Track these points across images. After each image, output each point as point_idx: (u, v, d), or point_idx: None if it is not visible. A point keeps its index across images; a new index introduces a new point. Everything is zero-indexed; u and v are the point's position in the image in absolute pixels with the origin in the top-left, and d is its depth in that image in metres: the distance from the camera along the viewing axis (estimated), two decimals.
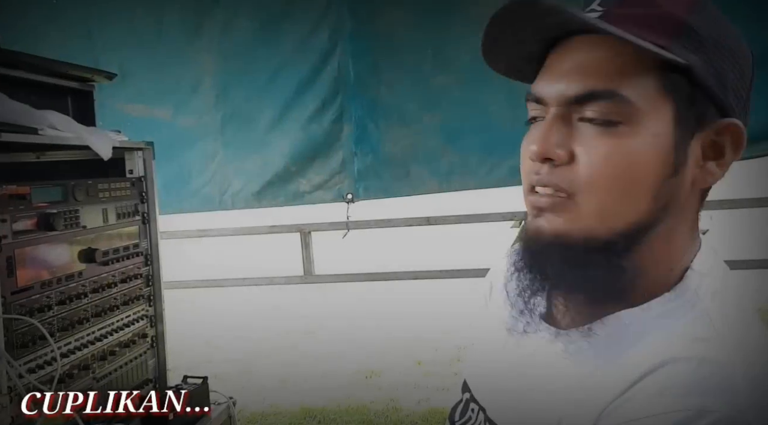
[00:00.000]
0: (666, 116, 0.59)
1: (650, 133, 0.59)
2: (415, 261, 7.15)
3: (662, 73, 0.59)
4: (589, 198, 0.60)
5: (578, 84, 0.60)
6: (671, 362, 0.57)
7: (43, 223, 1.23)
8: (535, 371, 0.69)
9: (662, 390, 0.55)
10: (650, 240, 0.62)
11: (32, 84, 1.39)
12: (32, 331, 1.18)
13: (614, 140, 0.59)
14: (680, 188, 0.61)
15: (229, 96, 2.60)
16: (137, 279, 1.57)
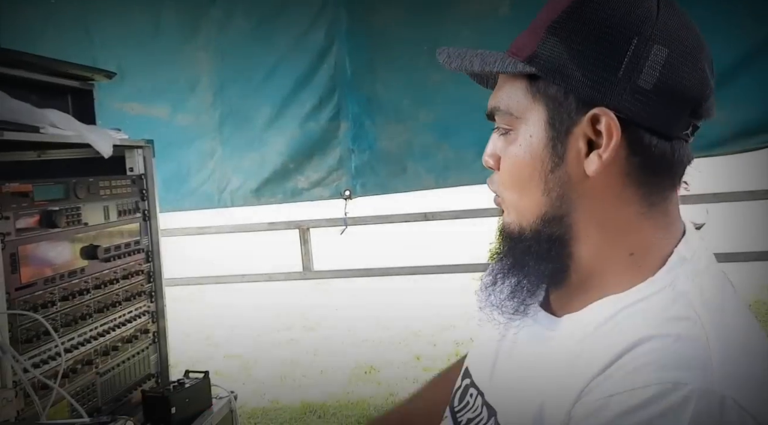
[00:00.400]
0: (539, 119, 0.67)
1: (527, 135, 0.68)
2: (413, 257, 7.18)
3: (530, 82, 0.67)
4: (505, 196, 0.72)
5: (489, 104, 0.72)
6: (648, 339, 0.59)
7: (45, 220, 1.25)
8: (526, 356, 0.72)
9: (639, 367, 0.58)
10: (576, 228, 0.68)
11: (33, 83, 1.41)
12: (36, 327, 1.20)
13: (508, 146, 0.70)
14: (569, 180, 0.67)
15: (227, 94, 2.62)
16: (139, 276, 1.59)
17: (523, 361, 0.73)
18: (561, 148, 0.66)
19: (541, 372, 0.68)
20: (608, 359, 0.60)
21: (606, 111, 0.63)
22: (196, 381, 1.57)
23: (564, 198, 0.67)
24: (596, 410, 0.58)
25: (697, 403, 0.54)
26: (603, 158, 0.64)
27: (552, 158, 0.67)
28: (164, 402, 1.46)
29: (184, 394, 1.51)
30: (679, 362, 0.57)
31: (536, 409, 0.65)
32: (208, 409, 1.59)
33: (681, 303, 0.62)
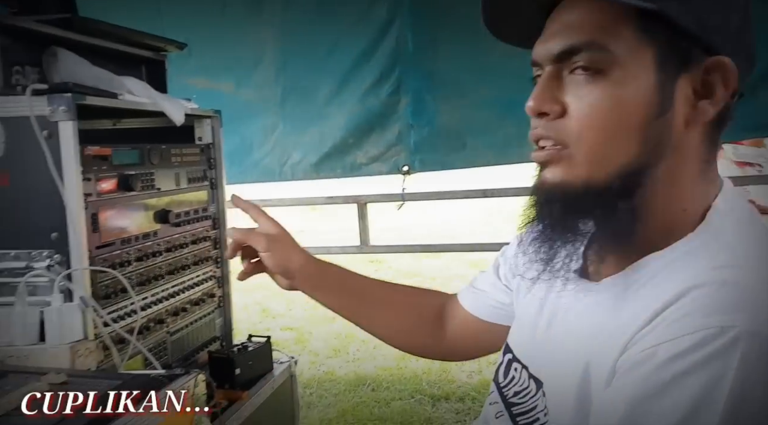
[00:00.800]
0: (646, 61, 0.62)
1: (631, 77, 0.62)
2: (470, 234, 7.14)
3: (640, 20, 0.62)
4: (581, 146, 0.65)
5: (562, 41, 0.65)
6: (693, 288, 0.58)
7: (122, 184, 1.31)
8: (567, 324, 0.73)
9: (684, 315, 0.57)
10: (651, 182, 0.64)
11: (111, 52, 1.47)
12: (114, 284, 1.26)
13: (599, 88, 0.63)
14: (670, 129, 0.63)
15: (289, 70, 2.66)
16: (206, 242, 1.65)
17: (564, 329, 0.73)
18: (669, 93, 0.63)
19: (584, 334, 0.68)
20: (653, 311, 0.60)
21: (728, 61, 0.62)
22: (259, 345, 1.62)
23: (659, 148, 0.63)
24: (642, 360, 0.57)
25: (745, 345, 0.53)
26: (717, 107, 0.63)
27: (659, 104, 0.62)
28: (229, 363, 1.52)
29: (248, 357, 1.56)
30: (725, 307, 0.56)
31: (582, 370, 0.65)
32: (270, 372, 1.64)
33: (725, 253, 0.62)
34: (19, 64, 1.24)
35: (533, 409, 0.74)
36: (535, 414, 0.74)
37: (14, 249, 1.16)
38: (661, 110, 0.63)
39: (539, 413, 0.73)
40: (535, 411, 0.74)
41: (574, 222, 0.67)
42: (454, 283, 5.53)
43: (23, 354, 1.09)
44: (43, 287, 1.15)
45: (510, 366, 0.82)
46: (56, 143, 1.12)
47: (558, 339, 0.74)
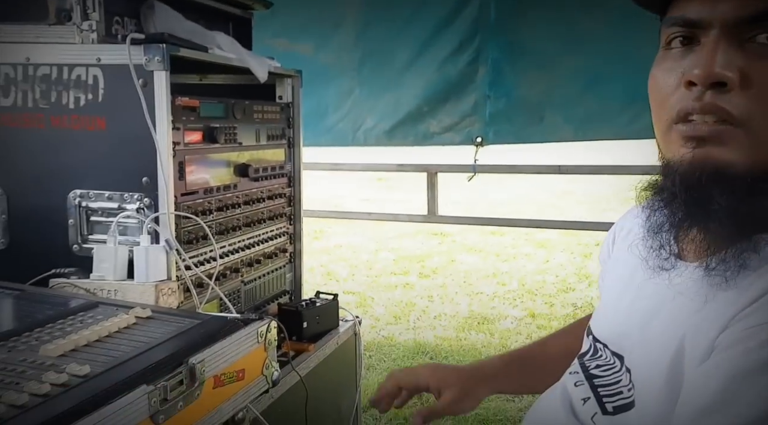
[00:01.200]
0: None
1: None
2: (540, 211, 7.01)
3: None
4: (761, 125, 0.58)
5: (752, 4, 0.58)
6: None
7: (208, 135, 1.36)
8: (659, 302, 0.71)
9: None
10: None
11: (202, 7, 1.51)
12: (196, 230, 1.33)
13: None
14: None
15: (369, 34, 2.66)
16: (281, 198, 1.69)
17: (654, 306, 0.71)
18: None
19: (681, 311, 0.66)
20: (759, 292, 0.58)
21: None
22: (326, 301, 1.67)
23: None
24: (743, 339, 0.56)
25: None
26: None
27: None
28: (298, 315, 1.57)
29: (315, 311, 1.61)
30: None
31: (676, 345, 0.64)
32: (335, 329, 1.69)
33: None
34: (119, 15, 1.30)
35: (617, 383, 0.74)
36: (619, 388, 0.73)
37: (108, 191, 1.23)
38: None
39: (623, 387, 0.72)
40: (618, 385, 0.73)
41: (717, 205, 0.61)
42: (520, 261, 5.48)
43: (113, 289, 1.16)
44: (132, 227, 1.22)
45: (595, 348, 0.81)
46: (150, 91, 1.17)
47: (647, 316, 0.72)
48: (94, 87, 1.20)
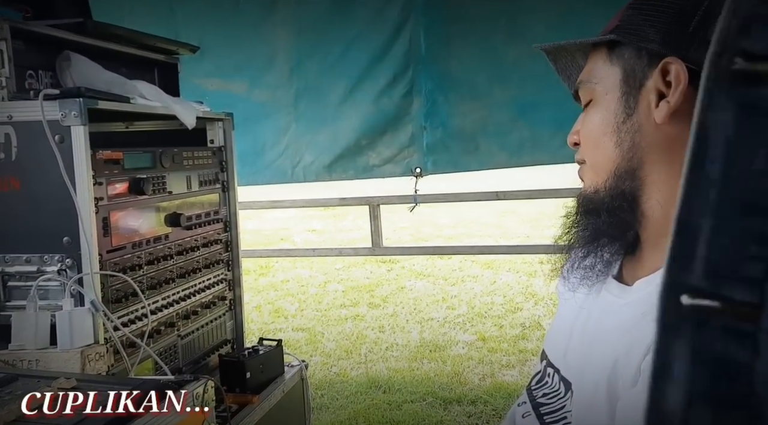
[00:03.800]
0: (615, 79, 0.72)
1: (603, 94, 0.73)
2: (483, 237, 7.11)
3: (610, 50, 0.73)
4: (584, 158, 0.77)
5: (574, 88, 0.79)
6: None
7: (134, 187, 1.31)
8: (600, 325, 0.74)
9: None
10: (648, 181, 0.70)
11: (123, 56, 1.47)
12: (125, 288, 1.27)
13: (589, 114, 0.75)
14: (641, 129, 0.70)
15: (303, 70, 2.65)
16: (217, 244, 1.65)
17: (596, 331, 0.74)
18: (633, 101, 0.71)
19: (615, 334, 0.69)
20: None
21: (675, 59, 0.67)
22: (270, 349, 1.62)
23: (635, 150, 0.71)
24: None
25: None
26: (671, 103, 0.67)
27: (624, 110, 0.71)
28: (240, 366, 1.52)
29: (259, 360, 1.56)
30: None
31: (610, 368, 0.67)
32: (281, 376, 1.64)
33: None
34: (33, 69, 1.25)
35: (562, 409, 0.76)
36: (563, 414, 0.75)
37: (26, 253, 1.16)
38: (625, 116, 0.71)
39: (567, 412, 0.74)
40: (563, 411, 0.75)
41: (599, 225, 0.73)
42: (468, 284, 5.52)
43: (34, 358, 1.09)
44: (54, 291, 1.15)
45: (545, 372, 0.83)
46: (68, 147, 1.12)
47: (591, 339, 0.75)
48: (6, 146, 1.14)
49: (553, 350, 0.83)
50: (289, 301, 5.20)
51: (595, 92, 0.74)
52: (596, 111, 0.74)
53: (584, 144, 0.76)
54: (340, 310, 4.90)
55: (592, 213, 0.74)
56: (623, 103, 0.71)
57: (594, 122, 0.74)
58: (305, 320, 4.70)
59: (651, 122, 0.69)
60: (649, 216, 0.71)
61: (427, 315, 4.68)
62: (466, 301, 4.98)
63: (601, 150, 0.73)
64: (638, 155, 0.70)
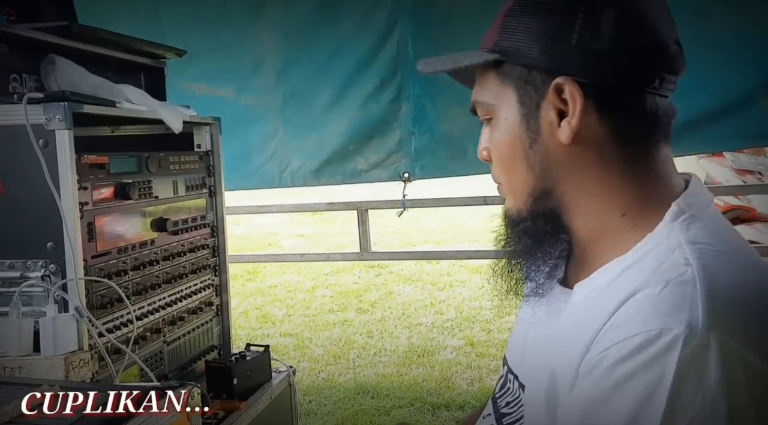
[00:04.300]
0: (510, 100, 0.70)
1: (503, 118, 0.71)
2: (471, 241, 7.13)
3: (498, 69, 0.71)
4: (501, 182, 0.76)
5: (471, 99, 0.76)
6: (637, 291, 0.61)
7: (119, 192, 1.30)
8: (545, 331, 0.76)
9: (627, 319, 0.59)
10: (564, 200, 0.70)
11: (109, 60, 1.46)
12: (110, 294, 1.25)
13: (492, 133, 0.74)
14: (548, 152, 0.69)
15: (290, 76, 2.65)
16: (204, 250, 1.63)
17: (543, 335, 0.75)
18: (534, 123, 0.69)
19: (554, 341, 0.70)
20: (605, 317, 0.62)
21: (566, 79, 0.66)
22: (257, 355, 1.61)
23: (548, 171, 0.70)
24: (595, 365, 0.60)
25: (684, 347, 0.55)
26: (572, 124, 0.66)
27: (528, 134, 0.70)
28: (227, 372, 1.51)
29: (246, 366, 1.55)
30: (666, 308, 0.58)
31: (550, 373, 0.68)
32: (268, 382, 1.63)
33: (675, 253, 0.62)
34: (17, 72, 1.23)
35: (521, 418, 0.76)
36: (523, 422, 0.76)
37: (9, 259, 1.14)
38: (531, 140, 0.70)
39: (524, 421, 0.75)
40: (522, 420, 0.76)
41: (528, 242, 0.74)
42: (456, 289, 5.53)
43: (17, 365, 1.07)
44: (38, 297, 1.14)
45: (507, 378, 0.84)
46: (52, 151, 1.11)
47: (539, 343, 0.76)
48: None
49: (512, 355, 0.85)
50: (276, 306, 5.18)
51: (494, 113, 0.73)
52: (500, 134, 0.72)
53: (497, 167, 0.75)
54: (328, 315, 4.88)
55: (520, 234, 0.74)
56: (525, 127, 0.70)
57: (502, 147, 0.72)
58: (293, 325, 4.68)
59: (556, 142, 0.68)
60: (574, 229, 0.72)
61: (415, 320, 4.67)
62: (455, 306, 4.98)
63: (515, 175, 0.72)
64: (551, 176, 0.70)
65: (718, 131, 2.18)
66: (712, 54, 2.08)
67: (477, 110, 0.76)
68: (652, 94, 0.67)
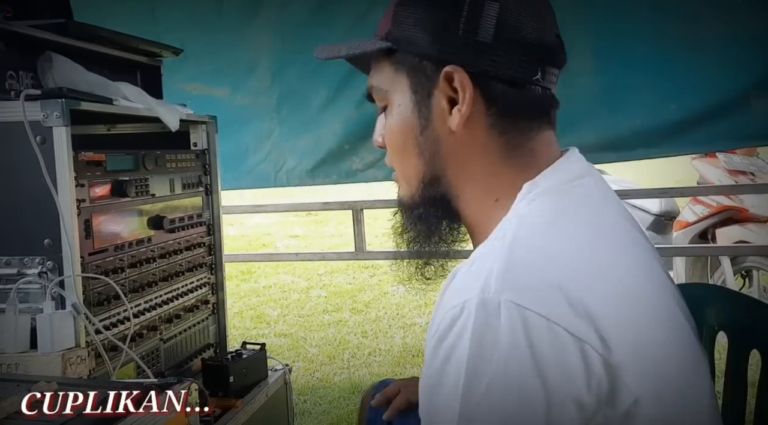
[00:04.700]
0: (403, 87, 0.73)
1: (397, 104, 0.74)
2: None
3: (391, 57, 0.73)
4: (395, 168, 0.78)
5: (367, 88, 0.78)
6: (456, 272, 0.65)
7: (116, 190, 1.30)
8: None
9: (444, 301, 0.63)
10: (452, 185, 0.73)
11: (106, 58, 1.46)
12: (107, 291, 1.25)
13: (386, 120, 0.76)
14: (438, 138, 0.72)
15: (285, 76, 2.65)
16: (200, 248, 1.64)
17: None
18: (426, 110, 0.72)
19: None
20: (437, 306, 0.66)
21: (456, 68, 0.69)
22: (254, 353, 1.61)
23: (437, 158, 0.73)
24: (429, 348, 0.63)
25: (477, 314, 0.57)
26: (463, 111, 0.69)
27: (420, 121, 0.73)
28: (223, 370, 1.51)
29: (242, 364, 1.55)
30: (469, 282, 0.61)
31: None
32: (264, 380, 1.63)
33: (502, 231, 0.65)
34: (13, 69, 1.23)
35: None
36: None
37: (6, 256, 1.14)
38: (422, 127, 0.73)
39: None
40: None
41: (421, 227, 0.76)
42: None
43: (13, 362, 1.07)
44: (35, 294, 1.14)
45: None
46: (49, 148, 1.11)
47: None
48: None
49: None
50: (271, 307, 5.17)
51: (388, 100, 0.75)
52: (394, 120, 0.75)
53: (391, 154, 0.78)
54: (323, 315, 4.88)
55: (415, 220, 0.77)
56: (417, 113, 0.72)
57: (395, 134, 0.75)
58: (288, 325, 4.68)
59: (446, 130, 0.71)
60: (463, 215, 0.75)
61: (409, 320, 4.67)
62: None
63: (407, 162, 0.75)
64: (440, 162, 0.73)
65: (710, 131, 2.20)
66: (703, 56, 2.11)
67: (373, 97, 0.78)
68: (535, 85, 0.70)
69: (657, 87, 2.15)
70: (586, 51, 2.20)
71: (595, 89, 2.23)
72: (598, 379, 0.56)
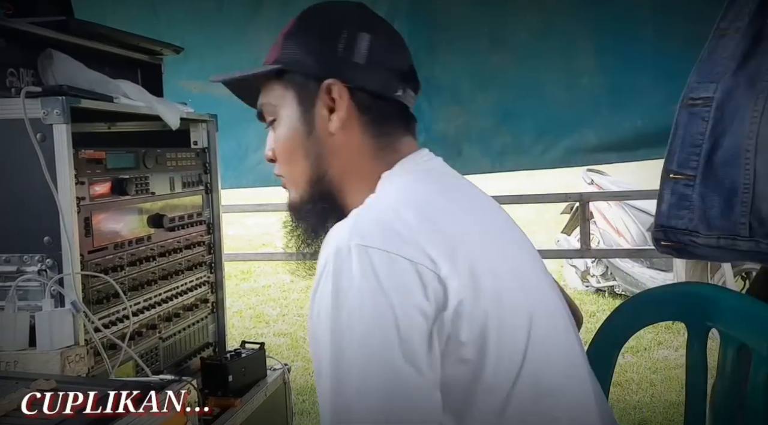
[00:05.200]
0: (292, 101, 0.87)
1: (286, 115, 0.88)
2: None
3: (281, 78, 0.88)
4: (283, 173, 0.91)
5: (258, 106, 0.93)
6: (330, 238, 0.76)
7: (116, 188, 1.30)
8: None
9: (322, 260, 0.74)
10: (337, 182, 0.87)
11: (106, 56, 1.46)
12: (106, 289, 1.25)
13: (275, 133, 0.90)
14: (321, 141, 0.86)
15: None
16: (200, 247, 1.63)
17: None
18: (310, 117, 0.86)
19: None
20: None
21: (335, 81, 0.85)
22: (253, 352, 1.61)
23: (321, 158, 0.87)
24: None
25: (335, 260, 0.71)
26: (340, 115, 0.85)
27: (305, 127, 0.87)
28: (222, 369, 1.51)
29: (241, 363, 1.55)
30: (328, 241, 0.74)
31: None
32: (263, 379, 1.63)
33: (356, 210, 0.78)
34: (14, 67, 1.23)
35: None
36: None
37: (5, 253, 1.14)
38: (307, 132, 0.87)
39: None
40: None
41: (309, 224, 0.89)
42: None
43: (12, 360, 1.07)
44: (34, 291, 1.14)
45: None
46: (50, 146, 1.11)
47: None
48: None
49: None
50: (270, 306, 5.17)
51: (277, 114, 0.89)
52: (283, 130, 0.88)
53: (280, 160, 0.90)
54: None
55: (305, 217, 0.90)
56: (303, 121, 0.87)
57: (284, 141, 0.89)
58: (287, 325, 4.68)
59: (327, 133, 0.86)
60: (347, 208, 0.84)
61: None
62: None
63: (294, 164, 0.88)
64: (323, 162, 0.87)
65: None
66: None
67: (264, 114, 0.91)
68: (398, 100, 0.87)
69: (659, 88, 2.15)
70: (588, 51, 2.20)
71: (597, 90, 2.23)
72: (434, 289, 0.71)
